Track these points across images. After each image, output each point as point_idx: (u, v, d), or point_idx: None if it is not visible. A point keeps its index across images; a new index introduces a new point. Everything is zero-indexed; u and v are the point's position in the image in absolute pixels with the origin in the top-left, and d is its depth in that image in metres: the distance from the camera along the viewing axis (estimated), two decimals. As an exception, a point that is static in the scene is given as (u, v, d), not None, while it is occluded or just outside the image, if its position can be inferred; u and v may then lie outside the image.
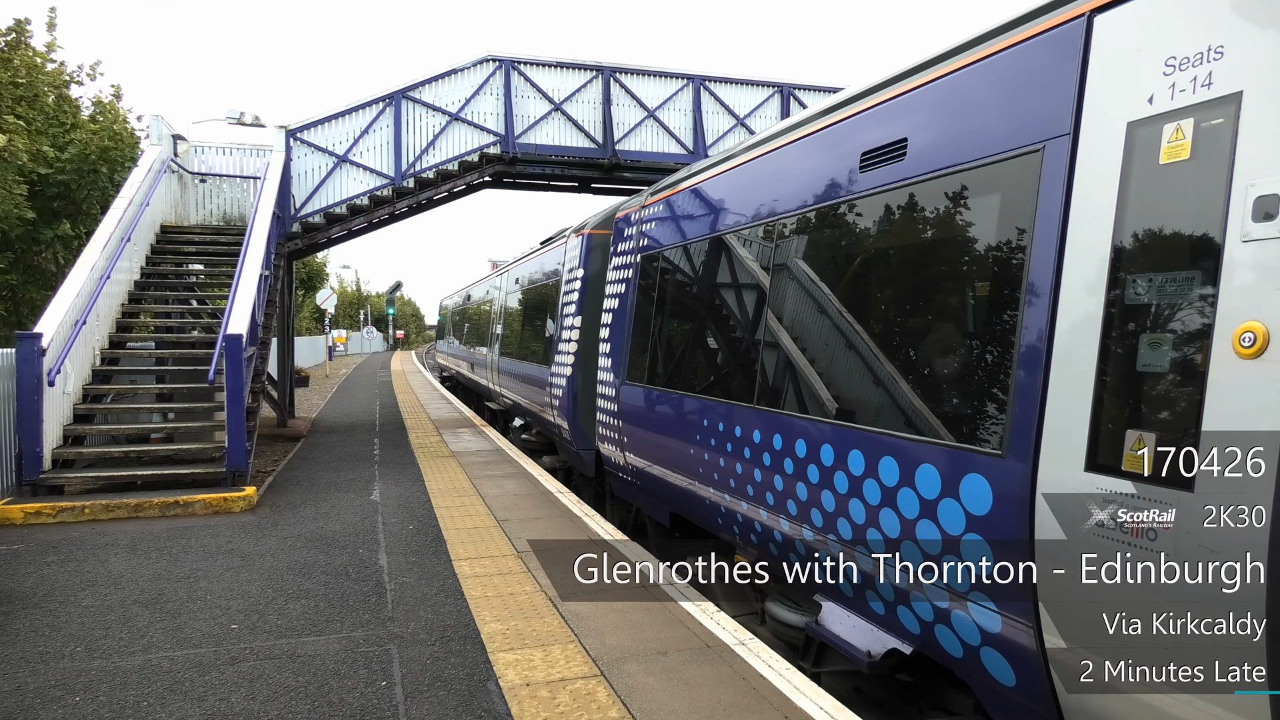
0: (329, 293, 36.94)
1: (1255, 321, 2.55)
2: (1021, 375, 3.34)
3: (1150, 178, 2.95)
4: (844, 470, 4.46)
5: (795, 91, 15.50)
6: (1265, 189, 2.55)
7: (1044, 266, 3.29)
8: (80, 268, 9.77)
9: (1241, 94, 2.67)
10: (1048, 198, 3.32)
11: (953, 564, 3.64)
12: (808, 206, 5.24)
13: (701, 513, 6.55)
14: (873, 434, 4.27)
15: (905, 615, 4.08)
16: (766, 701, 3.98)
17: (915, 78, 4.34)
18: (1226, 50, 2.74)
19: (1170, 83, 2.91)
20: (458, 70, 14.20)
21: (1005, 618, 3.39)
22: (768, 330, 5.54)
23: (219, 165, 14.49)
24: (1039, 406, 3.23)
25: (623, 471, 8.60)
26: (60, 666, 4.42)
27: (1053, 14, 3.46)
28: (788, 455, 5.06)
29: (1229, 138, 2.70)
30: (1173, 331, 2.83)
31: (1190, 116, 2.83)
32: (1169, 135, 2.91)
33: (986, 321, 3.69)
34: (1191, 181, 2.81)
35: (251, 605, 5.42)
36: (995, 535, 3.41)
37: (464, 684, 4.19)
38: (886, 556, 4.12)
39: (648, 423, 7.72)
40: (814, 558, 4.82)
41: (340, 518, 8.00)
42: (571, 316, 10.66)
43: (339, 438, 14.19)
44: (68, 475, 8.56)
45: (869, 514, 4.24)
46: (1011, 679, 3.48)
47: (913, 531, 3.91)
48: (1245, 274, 2.61)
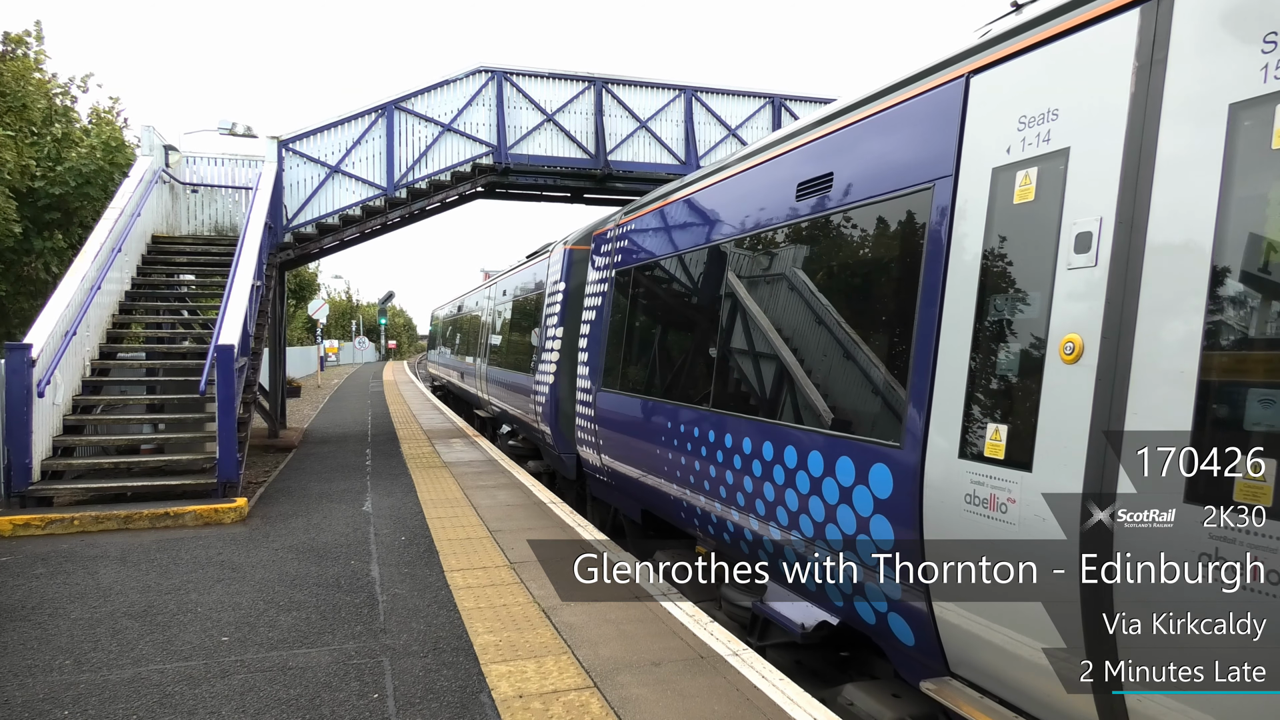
0: (321, 302, 36.83)
1: (1074, 334, 3.14)
2: (915, 379, 3.91)
3: (1007, 215, 3.54)
4: (781, 464, 4.99)
5: (786, 102, 15.58)
6: (1083, 227, 3.15)
7: (932, 290, 3.86)
8: (71, 278, 9.74)
9: (1069, 149, 3.25)
10: (935, 229, 3.91)
11: (865, 541, 4.23)
12: (754, 229, 5.81)
13: (668, 508, 7.04)
14: (803, 431, 4.84)
15: (831, 590, 4.65)
16: (760, 712, 3.97)
17: (838, 120, 4.95)
18: (1060, 113, 3.33)
19: (1022, 136, 3.50)
20: (450, 81, 14.24)
21: (904, 586, 3.98)
22: (720, 340, 6.16)
23: (211, 176, 14.48)
24: (927, 406, 3.79)
25: (600, 473, 9.08)
26: (49, 680, 4.39)
27: (940, 73, 4.07)
28: (736, 453, 5.58)
29: (1060, 184, 3.27)
30: (1020, 342, 3.43)
31: (1035, 166, 3.42)
32: (1020, 180, 3.49)
33: (891, 334, 4.26)
34: (1035, 219, 3.39)
35: (242, 617, 5.39)
36: (894, 515, 3.99)
37: (456, 696, 4.17)
38: (815, 539, 4.67)
39: (621, 426, 8.19)
40: (760, 544, 5.39)
41: (332, 529, 7.97)
42: (554, 327, 11.13)
43: (331, 448, 14.14)
44: (57, 487, 8.51)
45: (801, 502, 4.80)
46: (912, 639, 4.04)
47: (834, 515, 4.48)
48: (1066, 296, 3.20)
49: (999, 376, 3.51)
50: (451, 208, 15.56)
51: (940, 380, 3.73)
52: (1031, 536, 3.19)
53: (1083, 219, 3.15)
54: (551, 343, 11.16)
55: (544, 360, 11.50)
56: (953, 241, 3.78)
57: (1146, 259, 2.91)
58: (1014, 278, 3.49)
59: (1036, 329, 3.31)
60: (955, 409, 3.65)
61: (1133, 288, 2.94)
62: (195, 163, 14.46)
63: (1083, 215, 3.15)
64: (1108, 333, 3.00)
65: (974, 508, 3.48)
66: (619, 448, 8.24)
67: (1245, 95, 2.66)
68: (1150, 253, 2.90)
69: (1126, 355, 2.94)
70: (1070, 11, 3.38)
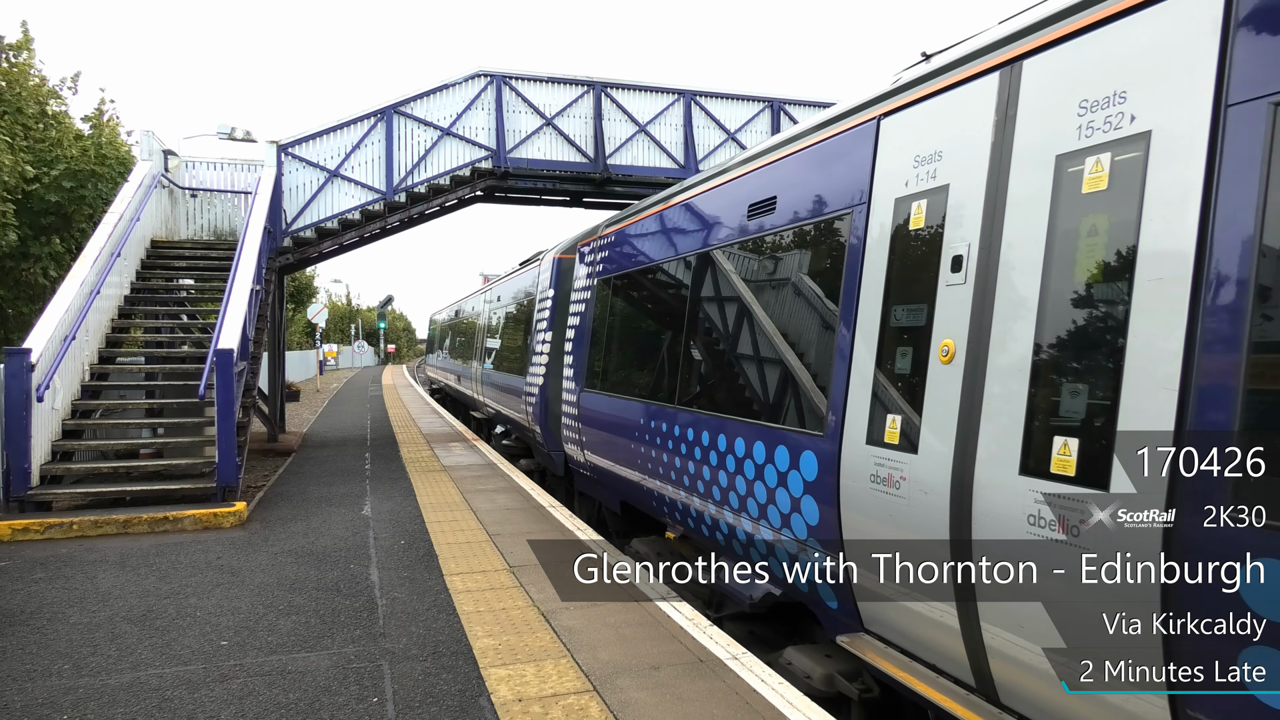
0: (320, 307, 36.84)
1: (949, 339, 3.76)
2: (836, 376, 4.53)
3: (904, 238, 4.18)
4: (732, 454, 5.61)
5: (785, 106, 15.60)
6: (956, 251, 3.77)
7: (850, 301, 4.50)
8: (70, 283, 9.74)
9: (949, 185, 3.89)
10: (852, 249, 4.55)
11: (797, 519, 4.86)
12: (713, 244, 6.45)
13: (642, 499, 7.65)
14: (749, 425, 5.47)
15: (774, 564, 5.26)
16: (760, 716, 3.97)
17: (781, 150, 5.61)
18: (943, 155, 3.97)
19: (916, 172, 4.13)
20: (449, 85, 14.26)
21: (827, 555, 4.64)
22: (684, 344, 6.81)
23: (210, 180, 14.49)
24: (844, 402, 4.42)
25: (584, 469, 9.63)
26: (48, 684, 4.38)
27: (860, 114, 4.72)
28: (696, 445, 6.20)
29: (942, 215, 3.92)
30: (912, 346, 4.01)
31: (925, 198, 4.05)
32: (914, 209, 4.12)
33: (819, 338, 4.91)
34: (925, 243, 4.00)
35: (241, 621, 5.39)
36: (820, 495, 4.60)
37: (456, 700, 4.17)
38: (760, 519, 5.29)
39: (601, 424, 8.78)
40: (717, 527, 6.01)
41: (331, 533, 7.97)
42: (544, 332, 11.76)
43: (330, 452, 14.14)
44: (56, 491, 8.51)
45: (743, 485, 5.46)
46: (835, 603, 4.67)
47: (774, 497, 5.09)
48: (944, 307, 3.81)
49: (896, 375, 4.15)
50: (451, 212, 15.57)
51: (854, 377, 4.41)
52: (917, 508, 3.85)
53: (957, 244, 3.80)
54: (541, 346, 11.76)
55: (534, 363, 12.07)
56: (865, 260, 4.46)
57: (999, 277, 3.56)
58: (909, 292, 4.13)
59: (924, 335, 3.94)
60: (864, 402, 4.32)
61: (989, 301, 3.59)
62: (194, 167, 14.48)
63: (957, 241, 3.81)
64: (971, 338, 3.65)
65: (877, 486, 4.15)
66: (599, 444, 8.80)
67: (1066, 149, 3.31)
68: (1001, 272, 3.55)
69: (984, 356, 3.59)
70: (956, 68, 4.01)
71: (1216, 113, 2.79)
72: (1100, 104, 3.20)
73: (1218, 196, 2.75)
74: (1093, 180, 3.20)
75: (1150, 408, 2.85)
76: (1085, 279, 3.21)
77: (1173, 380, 2.78)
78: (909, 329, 4.07)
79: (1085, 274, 3.21)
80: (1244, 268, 2.65)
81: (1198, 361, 2.72)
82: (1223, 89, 2.78)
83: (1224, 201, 2.74)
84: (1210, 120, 2.80)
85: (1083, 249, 3.23)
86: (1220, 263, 2.71)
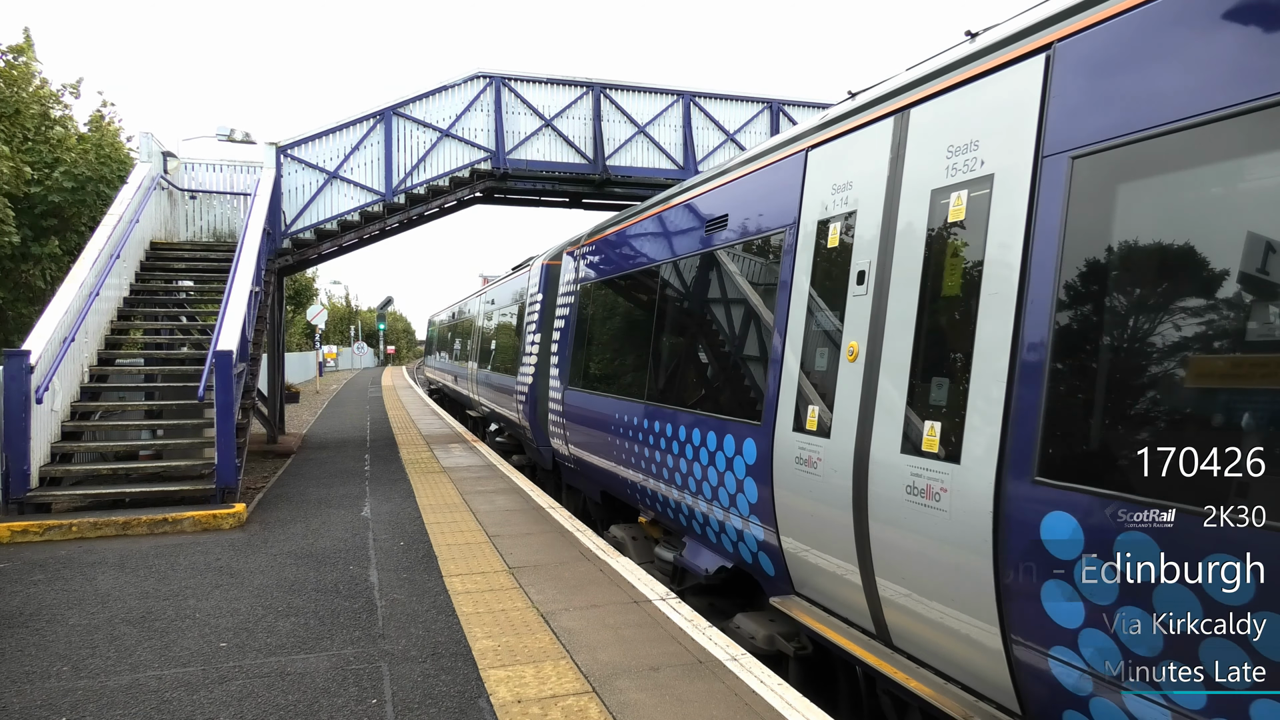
0: (320, 308, 36.84)
1: (854, 341, 4.44)
2: (772, 375, 5.19)
3: (824, 255, 4.87)
4: (690, 442, 6.34)
5: (785, 107, 15.61)
6: (860, 267, 4.47)
7: (783, 308, 5.17)
8: (69, 285, 9.74)
9: (856, 210, 4.61)
10: (785, 263, 5.22)
11: (741, 498, 5.54)
12: (678, 255, 7.18)
13: (619, 488, 8.32)
14: (705, 416, 6.19)
15: (725, 540, 5.98)
16: (759, 717, 3.97)
17: (732, 173, 6.34)
18: (853, 184, 4.69)
19: (833, 198, 4.84)
20: (448, 87, 14.26)
21: (765, 528, 5.27)
22: (652, 346, 7.56)
23: (209, 182, 14.49)
24: (777, 395, 5.09)
25: (569, 461, 10.35)
26: (46, 686, 4.38)
27: (794, 145, 5.42)
28: (663, 436, 6.87)
29: (851, 235, 4.62)
30: (828, 347, 4.71)
31: (840, 220, 4.76)
32: (831, 230, 4.82)
33: (759, 340, 5.60)
34: (839, 259, 4.71)
35: (241, 623, 5.39)
36: (759, 476, 5.25)
37: (455, 701, 4.17)
38: (713, 500, 5.98)
39: (582, 419, 9.46)
40: (680, 509, 6.70)
41: (331, 534, 7.96)
42: (533, 334, 12.48)
43: (329, 454, 14.14)
44: (55, 493, 8.50)
45: (699, 471, 6.15)
46: (773, 571, 5.36)
47: (724, 480, 5.77)
48: (851, 315, 4.51)
49: (815, 371, 4.83)
50: (450, 213, 15.57)
51: (784, 374, 5.07)
52: (830, 485, 4.49)
53: (861, 261, 4.48)
54: (531, 348, 12.51)
55: (524, 364, 12.86)
56: (794, 273, 5.11)
57: (890, 290, 4.22)
58: (827, 301, 4.79)
59: (836, 338, 4.63)
60: (791, 395, 4.98)
61: (883, 309, 4.24)
62: (194, 169, 14.48)
63: (861, 258, 4.48)
64: (870, 341, 4.32)
65: (801, 467, 4.79)
66: (581, 438, 9.49)
67: (938, 184, 3.99)
68: (892, 285, 4.21)
69: (878, 356, 4.27)
70: (866, 110, 4.70)
71: (1036, 162, 3.46)
72: (961, 149, 3.91)
73: (1034, 227, 3.41)
74: (955, 212, 3.89)
75: (989, 396, 3.50)
76: (948, 293, 3.89)
77: (1002, 374, 3.43)
78: (825, 332, 4.78)
79: (949, 288, 3.89)
80: (1050, 285, 3.29)
81: (1019, 358, 3.37)
82: (1040, 144, 3.47)
83: (1038, 232, 3.39)
84: (1031, 167, 3.48)
85: (948, 268, 3.90)
86: (1035, 281, 3.37)
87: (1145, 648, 2.80)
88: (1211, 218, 2.87)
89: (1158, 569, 2.75)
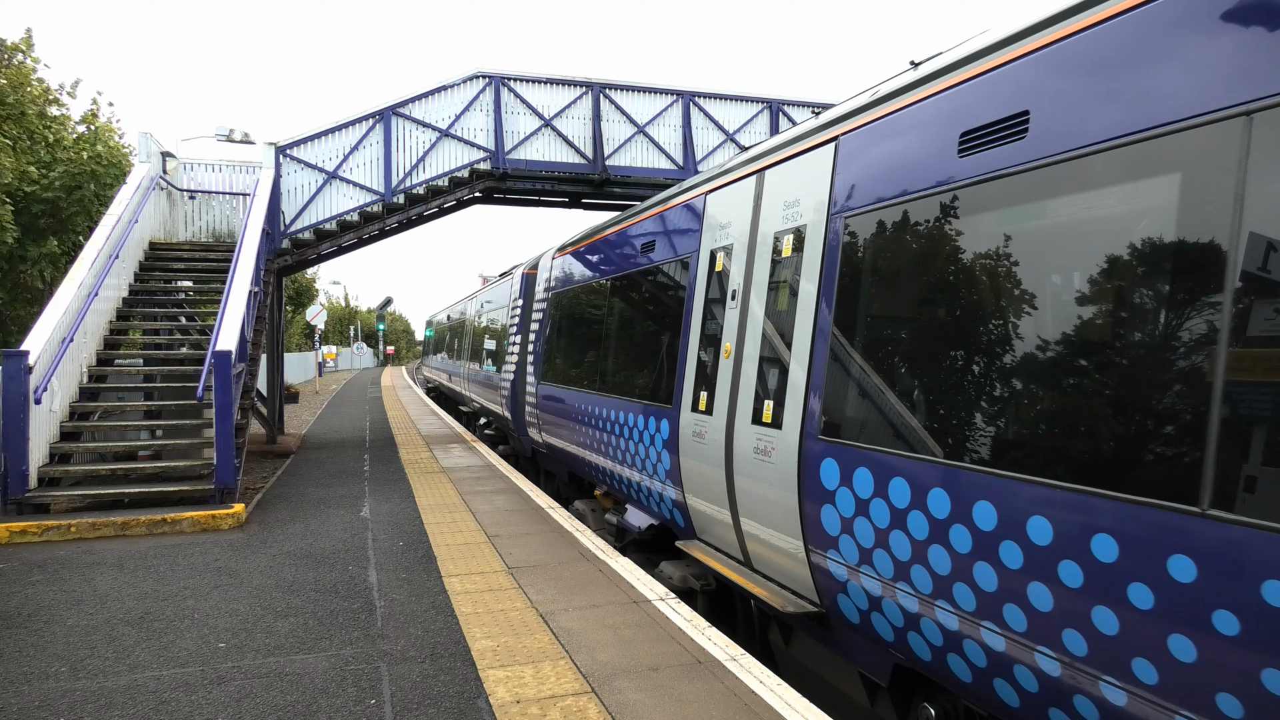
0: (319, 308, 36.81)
1: (728, 343, 5.90)
2: (679, 368, 6.72)
3: (713, 278, 6.38)
4: (625, 425, 7.84)
5: (784, 107, 15.59)
6: (732, 288, 5.96)
7: (688, 318, 6.72)
8: (68, 285, 9.73)
9: (731, 245, 6.09)
10: (690, 283, 6.79)
11: (659, 466, 7.03)
12: (624, 271, 8.65)
13: (581, 468, 9.79)
14: (635, 402, 7.65)
15: (651, 501, 7.47)
16: (758, 717, 3.96)
17: (659, 206, 7.88)
18: (730, 225, 6.19)
19: (720, 233, 6.36)
20: (448, 86, 14.24)
21: (676, 490, 6.73)
22: (602, 344, 9.12)
23: (208, 182, 14.47)
24: (682, 384, 6.62)
25: (542, 448, 11.81)
26: (45, 687, 4.37)
27: (698, 189, 6.98)
28: (608, 420, 8.34)
29: (728, 263, 6.11)
30: (712, 347, 6.17)
31: (723, 251, 6.26)
32: (718, 258, 6.33)
33: (674, 342, 6.98)
34: (722, 280, 6.19)
35: (239, 623, 5.38)
36: (670, 448, 6.76)
37: (454, 701, 4.16)
38: (643, 471, 7.43)
39: (551, 410, 10.87)
40: (624, 482, 8.09)
41: (330, 534, 7.95)
42: (514, 335, 14.02)
43: (329, 454, 14.12)
44: (54, 494, 8.49)
45: (634, 448, 7.61)
46: (684, 524, 6.83)
47: (648, 454, 7.25)
48: (726, 323, 5.99)
49: (703, 365, 6.31)
50: (449, 213, 15.54)
51: (687, 366, 6.58)
52: (712, 451, 5.96)
53: (734, 283, 6.00)
54: (512, 348, 14.04)
55: (507, 362, 14.35)
56: (694, 291, 6.67)
57: (748, 306, 5.70)
58: (714, 313, 6.27)
59: (718, 340, 6.09)
60: (691, 383, 6.46)
61: (745, 319, 5.74)
62: (193, 169, 14.46)
63: (734, 280, 6.01)
64: (736, 343, 5.81)
65: (695, 439, 6.29)
66: (551, 426, 10.88)
67: (778, 229, 5.47)
68: (749, 302, 5.70)
69: (741, 354, 5.69)
70: (741, 168, 6.21)
71: (829, 219, 4.89)
72: (790, 204, 5.38)
73: (825, 265, 4.83)
74: (785, 249, 5.35)
75: (797, 383, 4.93)
76: (780, 308, 5.30)
77: (805, 368, 4.86)
78: (713, 336, 6.23)
79: (780, 305, 5.30)
80: (830, 306, 4.73)
81: (814, 356, 4.79)
82: (831, 205, 4.89)
83: (825, 269, 4.83)
84: (826, 223, 4.91)
85: (780, 290, 5.35)
86: (821, 303, 4.82)
87: (869, 542, 4.25)
88: (915, 257, 4.16)
89: (870, 492, 4.22)
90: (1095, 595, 2.99)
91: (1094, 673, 3.02)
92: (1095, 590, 2.99)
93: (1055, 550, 3.15)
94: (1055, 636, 3.16)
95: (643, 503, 7.68)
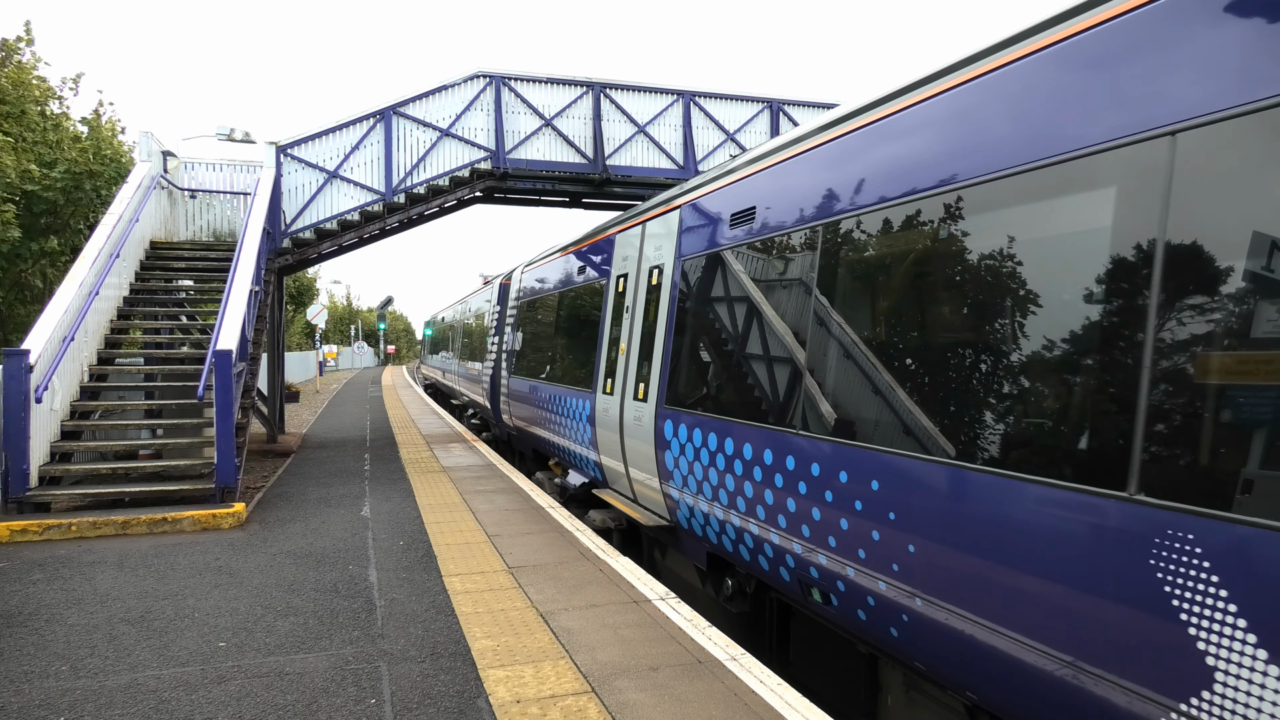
0: (320, 308, 36.82)
1: (624, 343, 8.28)
2: (597, 361, 8.97)
3: (618, 296, 8.76)
4: (564, 408, 10.12)
5: (785, 107, 15.59)
6: (628, 304, 8.42)
7: (603, 323, 8.95)
8: (69, 284, 9.73)
9: (627, 274, 8.54)
10: (604, 298, 9.21)
11: (585, 437, 9.22)
12: (566, 286, 11.14)
13: (542, 445, 11.95)
14: (570, 388, 9.99)
15: (582, 464, 9.68)
16: (759, 717, 3.96)
17: (591, 238, 10.14)
18: (628, 260, 8.59)
19: (623, 265, 8.73)
20: (448, 86, 14.25)
21: (595, 454, 8.90)
22: (550, 343, 11.63)
23: (209, 181, 14.47)
24: (598, 373, 8.84)
25: (514, 431, 14.24)
26: (45, 686, 4.38)
27: (613, 228, 9.24)
28: (552, 403, 10.71)
29: (626, 286, 8.55)
30: (615, 345, 8.49)
31: (623, 278, 8.62)
32: (619, 283, 8.75)
33: (594, 342, 9.20)
34: (622, 299, 8.59)
35: (240, 623, 5.38)
36: (590, 422, 8.93)
37: (454, 701, 4.16)
38: (577, 442, 9.59)
39: (519, 398, 13.18)
40: (567, 452, 10.32)
41: (330, 534, 7.96)
42: (492, 335, 16.75)
43: (329, 453, 14.13)
44: (55, 493, 8.49)
45: (570, 424, 9.85)
46: (601, 478, 8.99)
47: (578, 428, 9.47)
48: (625, 329, 8.34)
49: (609, 358, 8.50)
50: (450, 213, 15.55)
51: (602, 360, 8.78)
52: (611, 419, 8.20)
53: (628, 300, 8.26)
54: (491, 347, 16.78)
55: (487, 359, 17.08)
56: (606, 304, 9.02)
57: (634, 316, 8.01)
58: (617, 322, 8.46)
59: (618, 342, 8.32)
60: (602, 373, 8.68)
61: (635, 327, 7.97)
62: (194, 168, 14.46)
63: (628, 299, 8.26)
64: (628, 342, 8.01)
65: (604, 413, 8.48)
66: (519, 411, 13.23)
67: (651, 264, 7.76)
68: (635, 314, 8.03)
69: (632, 350, 7.93)
70: (639, 215, 8.39)
71: (676, 259, 7.10)
72: (658, 247, 7.60)
73: (673, 290, 7.07)
74: (654, 278, 7.65)
75: (655, 371, 7.12)
76: (649, 319, 7.58)
77: (659, 360, 7.07)
78: (615, 338, 8.49)
79: (649, 318, 7.58)
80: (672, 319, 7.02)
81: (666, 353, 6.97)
82: (679, 252, 7.05)
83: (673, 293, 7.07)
84: (675, 264, 7.10)
85: (651, 307, 7.61)
86: (667, 317, 7.13)
87: (685, 471, 6.39)
88: (712, 288, 6.40)
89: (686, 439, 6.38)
90: (791, 495, 4.87)
91: (813, 546, 4.68)
92: (791, 493, 4.87)
93: (771, 470, 5.12)
94: (776, 522, 5.07)
95: (578, 465, 9.86)
